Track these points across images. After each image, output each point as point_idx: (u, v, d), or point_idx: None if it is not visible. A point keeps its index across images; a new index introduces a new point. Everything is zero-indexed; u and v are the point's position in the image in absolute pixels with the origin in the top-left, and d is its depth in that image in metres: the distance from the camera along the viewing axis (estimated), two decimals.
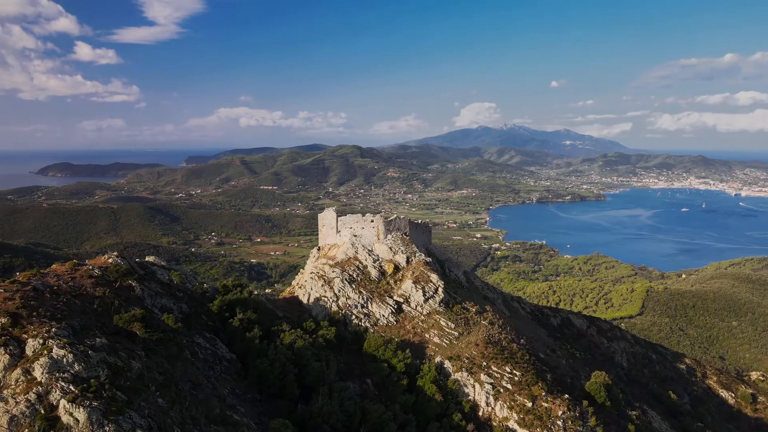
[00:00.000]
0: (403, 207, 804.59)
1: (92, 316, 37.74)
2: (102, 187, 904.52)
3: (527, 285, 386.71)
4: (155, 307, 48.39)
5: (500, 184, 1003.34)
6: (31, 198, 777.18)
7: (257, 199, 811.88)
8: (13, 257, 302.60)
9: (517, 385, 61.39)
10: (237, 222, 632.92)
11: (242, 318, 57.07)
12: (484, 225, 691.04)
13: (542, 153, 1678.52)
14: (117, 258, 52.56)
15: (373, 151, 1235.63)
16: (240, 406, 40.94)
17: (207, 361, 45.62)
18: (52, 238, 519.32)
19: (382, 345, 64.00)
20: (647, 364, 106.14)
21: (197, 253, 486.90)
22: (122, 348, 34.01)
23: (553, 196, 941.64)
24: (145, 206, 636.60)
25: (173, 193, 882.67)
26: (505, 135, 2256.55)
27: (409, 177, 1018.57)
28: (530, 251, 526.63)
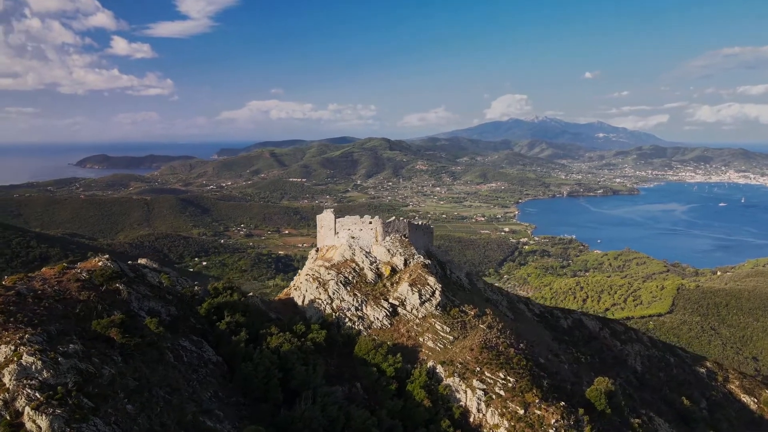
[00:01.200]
0: (431, 200, 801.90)
1: (73, 320, 38.60)
2: (136, 178, 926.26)
3: (554, 280, 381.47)
4: (142, 310, 49.17)
5: (530, 177, 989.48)
6: (70, 189, 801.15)
7: (286, 192, 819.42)
8: (50, 247, 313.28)
9: (511, 391, 60.27)
10: (266, 214, 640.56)
11: (230, 321, 57.33)
12: (513, 219, 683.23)
13: (574, 146, 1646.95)
14: (107, 261, 53.56)
15: (402, 143, 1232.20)
16: (220, 410, 41.38)
17: (191, 365, 46.21)
18: (88, 229, 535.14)
19: (373, 349, 63.73)
20: (663, 368, 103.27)
21: (226, 245, 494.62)
22: (97, 353, 34.71)
23: (585, 189, 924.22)
24: (177, 198, 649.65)
25: (204, 185, 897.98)
26: (536, 127, 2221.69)
27: (438, 170, 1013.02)
28: (559, 246, 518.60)
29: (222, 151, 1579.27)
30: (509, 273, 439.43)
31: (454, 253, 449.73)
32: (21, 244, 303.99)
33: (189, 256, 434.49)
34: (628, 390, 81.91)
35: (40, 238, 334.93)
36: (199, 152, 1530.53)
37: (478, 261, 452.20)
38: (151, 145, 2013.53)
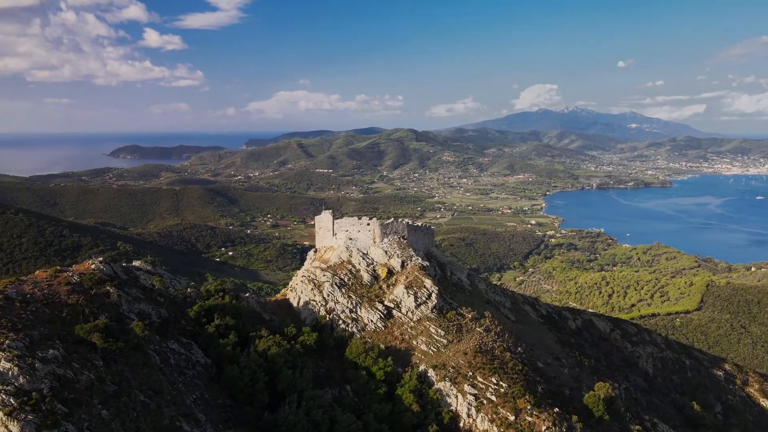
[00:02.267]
0: (458, 191, 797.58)
1: (59, 325, 39.73)
2: (167, 169, 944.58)
3: (580, 275, 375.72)
4: (132, 313, 50.25)
5: (559, 169, 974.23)
6: (103, 179, 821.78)
7: (312, 182, 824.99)
8: (81, 237, 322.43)
9: (502, 397, 59.61)
10: (292, 204, 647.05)
11: (219, 324, 58.27)
12: (540, 211, 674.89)
13: (605, 137, 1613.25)
14: (100, 264, 54.86)
15: (429, 134, 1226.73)
16: (204, 412, 42.18)
17: (178, 367, 47.14)
18: (119, 218, 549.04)
19: (363, 352, 63.78)
20: (677, 371, 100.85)
21: (252, 235, 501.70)
22: (78, 358, 35.71)
23: (615, 182, 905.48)
24: (205, 188, 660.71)
25: (233, 176, 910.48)
26: (566, 118, 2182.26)
27: (465, 161, 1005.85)
28: (586, 239, 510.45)
29: (250, 142, 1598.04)
30: (534, 266, 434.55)
31: (479, 246, 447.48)
32: (54, 233, 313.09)
33: (216, 246, 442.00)
34: (634, 394, 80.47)
35: (73, 227, 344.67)
36: (228, 143, 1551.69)
37: (503, 254, 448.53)
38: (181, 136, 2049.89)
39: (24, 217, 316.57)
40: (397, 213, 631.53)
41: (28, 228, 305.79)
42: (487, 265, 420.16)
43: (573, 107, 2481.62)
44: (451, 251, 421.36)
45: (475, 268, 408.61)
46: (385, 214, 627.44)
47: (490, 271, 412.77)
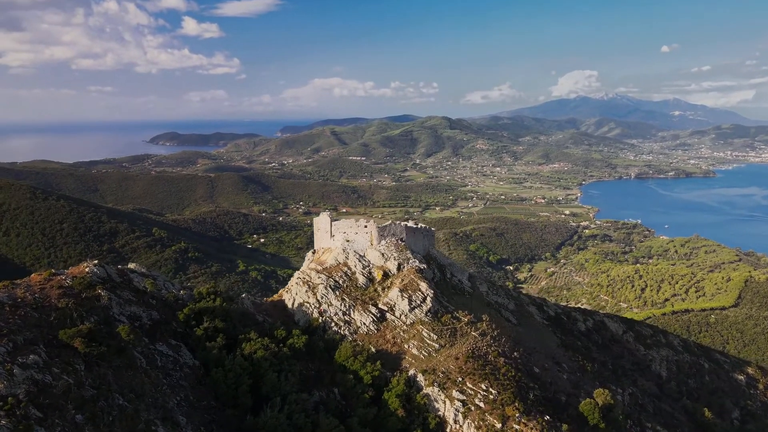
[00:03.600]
0: (491, 180, 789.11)
1: (46, 329, 41.21)
2: (203, 155, 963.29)
3: (612, 267, 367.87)
4: (123, 315, 51.72)
5: (596, 158, 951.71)
6: (142, 165, 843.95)
7: (345, 170, 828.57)
8: (118, 223, 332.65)
9: (491, 403, 58.90)
10: (324, 192, 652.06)
11: (207, 327, 59.43)
12: (575, 201, 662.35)
13: (646, 125, 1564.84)
14: (94, 267, 56.48)
15: (463, 122, 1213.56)
16: (187, 414, 43.29)
17: (165, 369, 48.38)
18: (157, 204, 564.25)
19: (352, 355, 63.93)
20: (694, 374, 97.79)
21: (284, 222, 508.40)
22: (59, 363, 37.05)
23: (655, 171, 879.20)
24: (240, 175, 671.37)
25: (267, 163, 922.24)
26: (605, 105, 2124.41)
27: (499, 149, 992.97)
28: (622, 231, 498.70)
29: (285, 129, 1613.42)
30: (566, 258, 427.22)
31: (510, 236, 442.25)
32: (93, 219, 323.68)
33: (248, 232, 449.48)
34: (641, 400, 78.44)
35: (111, 213, 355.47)
36: (263, 130, 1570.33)
37: (534, 244, 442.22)
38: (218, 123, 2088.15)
39: (65, 204, 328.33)
40: (428, 201, 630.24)
41: (69, 214, 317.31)
42: (518, 256, 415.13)
43: (613, 94, 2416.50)
44: (482, 241, 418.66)
45: (505, 258, 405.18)
46: (417, 202, 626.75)
47: (520, 262, 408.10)
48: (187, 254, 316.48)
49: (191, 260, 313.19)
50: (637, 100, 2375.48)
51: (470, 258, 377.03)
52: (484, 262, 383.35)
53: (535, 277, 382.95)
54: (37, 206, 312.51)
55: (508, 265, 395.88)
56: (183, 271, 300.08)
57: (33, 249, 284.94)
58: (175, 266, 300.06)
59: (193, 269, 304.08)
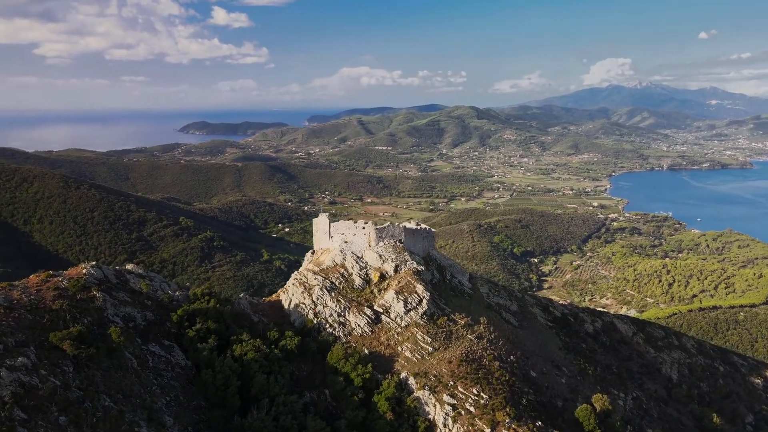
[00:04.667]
0: (518, 171, 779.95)
1: (38, 330, 42.53)
2: (232, 145, 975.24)
3: (640, 261, 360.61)
4: (117, 316, 52.92)
5: (627, 148, 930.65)
6: (172, 154, 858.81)
7: (371, 160, 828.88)
8: (147, 212, 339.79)
9: (481, 408, 58.55)
10: (350, 182, 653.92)
11: (199, 328, 60.32)
12: (604, 193, 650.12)
13: (680, 114, 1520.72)
14: (91, 268, 57.85)
15: (491, 111, 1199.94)
16: (176, 414, 44.32)
17: (157, 369, 49.47)
18: (185, 193, 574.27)
19: (343, 357, 64.05)
20: (707, 378, 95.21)
21: (309, 212, 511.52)
22: (48, 365, 38.24)
23: (688, 162, 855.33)
24: (266, 165, 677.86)
25: (294, 152, 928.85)
26: (638, 94, 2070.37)
27: (527, 140, 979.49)
28: (652, 224, 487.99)
29: (312, 118, 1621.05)
30: (593, 251, 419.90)
31: (535, 228, 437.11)
32: (122, 207, 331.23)
33: (273, 222, 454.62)
34: (645, 404, 76.93)
35: (140, 202, 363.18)
36: (291, 119, 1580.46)
37: (560, 237, 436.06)
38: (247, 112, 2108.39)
39: (96, 192, 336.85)
40: (454, 192, 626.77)
41: (100, 203, 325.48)
42: (543, 248, 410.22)
43: (647, 82, 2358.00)
44: (506, 233, 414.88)
45: (529, 250, 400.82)
46: (442, 193, 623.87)
47: (545, 255, 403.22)
48: (213, 243, 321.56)
49: (217, 249, 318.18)
50: (672, 89, 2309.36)
51: (494, 250, 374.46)
52: (508, 254, 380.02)
53: (560, 269, 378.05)
54: (69, 195, 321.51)
55: (532, 258, 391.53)
56: (208, 259, 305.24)
57: (65, 236, 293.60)
58: (201, 255, 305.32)
59: (218, 258, 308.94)
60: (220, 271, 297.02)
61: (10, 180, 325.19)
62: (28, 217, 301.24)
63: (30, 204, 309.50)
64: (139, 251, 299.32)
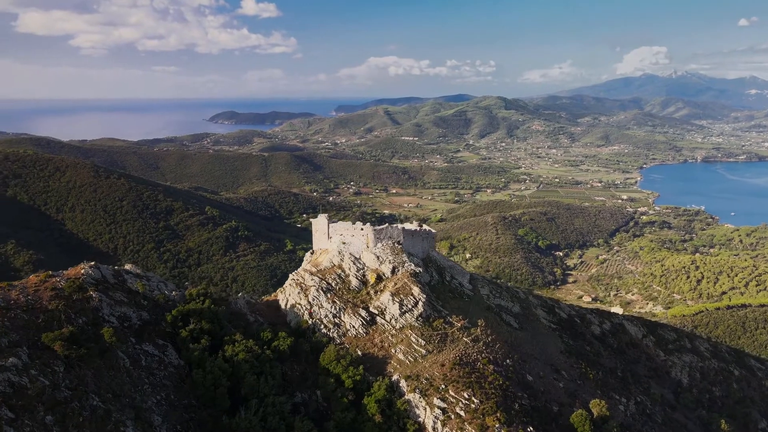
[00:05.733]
0: (545, 162, 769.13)
1: (33, 331, 43.85)
2: (259, 134, 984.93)
3: (668, 256, 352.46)
4: (112, 316, 54.25)
5: (659, 140, 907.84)
6: (201, 144, 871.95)
7: (397, 150, 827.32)
8: (174, 201, 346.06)
9: (472, 413, 58.17)
10: (375, 172, 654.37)
11: (193, 328, 61.43)
12: (634, 185, 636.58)
13: (717, 104, 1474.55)
14: (89, 268, 59.21)
15: (519, 102, 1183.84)
16: (164, 414, 45.34)
17: (149, 368, 50.62)
18: (213, 182, 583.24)
19: (335, 359, 64.24)
20: (720, 382, 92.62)
21: (333, 203, 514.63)
22: (39, 365, 39.49)
23: (724, 155, 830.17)
24: (292, 155, 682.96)
25: (320, 142, 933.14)
26: (673, 84, 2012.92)
27: (555, 130, 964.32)
28: (683, 217, 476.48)
29: (339, 108, 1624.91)
30: (620, 245, 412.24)
31: (561, 221, 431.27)
32: (151, 197, 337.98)
33: (298, 212, 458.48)
34: (650, 410, 75.30)
35: (168, 191, 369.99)
36: (319, 109, 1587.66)
37: (587, 230, 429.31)
38: (274, 102, 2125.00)
39: (125, 182, 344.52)
40: (479, 183, 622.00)
41: (129, 192, 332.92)
42: (569, 242, 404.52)
43: (682, 71, 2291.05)
44: (531, 225, 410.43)
45: (554, 244, 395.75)
46: (468, 184, 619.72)
47: (571, 248, 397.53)
48: (238, 233, 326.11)
49: (241, 239, 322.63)
50: (709, 78, 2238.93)
51: (518, 243, 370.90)
52: (532, 247, 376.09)
53: (585, 263, 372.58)
54: (99, 184, 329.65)
55: (557, 251, 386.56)
56: (233, 249, 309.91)
57: (95, 225, 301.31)
58: (226, 244, 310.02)
59: (242, 247, 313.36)
60: (244, 261, 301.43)
61: (44, 169, 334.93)
62: (61, 206, 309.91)
63: (62, 193, 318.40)
64: (165, 240, 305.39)
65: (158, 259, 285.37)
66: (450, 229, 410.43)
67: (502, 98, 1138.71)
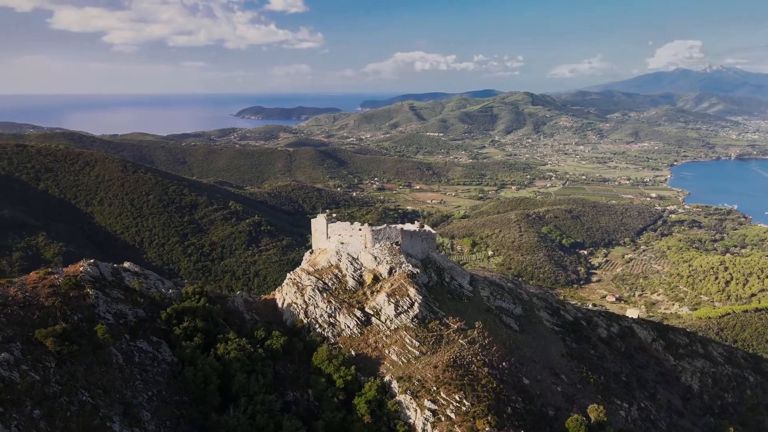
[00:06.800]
0: (572, 159, 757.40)
1: (28, 326, 45.05)
2: (285, 129, 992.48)
3: (696, 256, 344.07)
4: (108, 313, 55.45)
5: (691, 136, 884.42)
6: (228, 139, 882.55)
7: (421, 146, 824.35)
8: (198, 196, 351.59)
9: (462, 415, 57.64)
10: (399, 168, 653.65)
11: (186, 326, 62.11)
12: (664, 183, 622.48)
13: (754, 100, 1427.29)
14: (88, 266, 60.48)
15: (546, 97, 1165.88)
16: (154, 410, 46.22)
17: (142, 365, 51.61)
18: (238, 177, 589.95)
19: (327, 359, 64.27)
20: (733, 388, 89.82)
21: (356, 198, 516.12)
22: (31, 360, 40.56)
23: (759, 152, 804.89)
24: (317, 150, 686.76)
25: (345, 138, 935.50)
26: (707, 79, 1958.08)
27: (583, 127, 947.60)
28: (714, 216, 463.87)
29: (365, 104, 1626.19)
30: (647, 244, 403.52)
31: (586, 219, 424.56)
32: (176, 191, 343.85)
33: (321, 207, 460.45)
34: (654, 415, 73.55)
35: (193, 186, 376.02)
36: (344, 104, 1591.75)
37: (613, 228, 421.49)
38: (301, 97, 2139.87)
39: (151, 176, 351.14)
40: (504, 180, 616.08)
41: (155, 186, 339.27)
42: (594, 240, 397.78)
43: (718, 66, 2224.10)
44: (555, 223, 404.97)
45: (579, 242, 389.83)
46: (492, 180, 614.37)
47: (595, 247, 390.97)
48: (260, 227, 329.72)
49: (264, 233, 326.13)
50: (745, 73, 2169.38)
51: (541, 241, 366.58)
52: (556, 245, 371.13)
53: (610, 263, 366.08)
54: (126, 178, 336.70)
55: (582, 249, 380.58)
56: (255, 243, 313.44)
57: (122, 218, 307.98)
58: (248, 239, 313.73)
59: (264, 242, 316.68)
60: (266, 255, 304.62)
61: (74, 163, 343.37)
62: (90, 199, 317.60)
63: (91, 186, 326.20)
64: (190, 234, 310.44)
65: (182, 253, 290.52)
66: (473, 226, 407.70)
67: (529, 93, 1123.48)
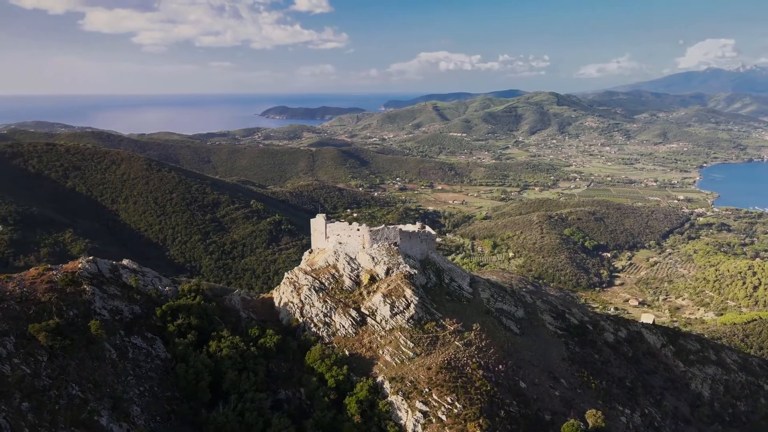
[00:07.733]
0: (598, 160, 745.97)
1: (23, 321, 46.02)
2: (308, 129, 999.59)
3: (724, 261, 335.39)
4: (104, 309, 56.46)
5: (722, 137, 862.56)
6: (252, 138, 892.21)
7: (444, 146, 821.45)
8: (221, 194, 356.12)
9: (453, 417, 56.96)
10: (421, 168, 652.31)
11: (180, 323, 62.76)
12: (692, 185, 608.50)
13: None
14: (86, 263, 61.56)
15: (572, 97, 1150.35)
16: (144, 405, 46.86)
17: (136, 360, 52.37)
18: (261, 176, 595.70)
19: (319, 358, 64.11)
20: (746, 396, 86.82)
21: (378, 198, 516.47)
22: (23, 354, 41.44)
23: None
24: (339, 150, 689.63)
25: (368, 137, 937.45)
26: (740, 78, 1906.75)
27: (610, 127, 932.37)
28: (744, 220, 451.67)
29: (389, 103, 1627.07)
30: (673, 247, 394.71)
31: (610, 221, 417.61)
32: (199, 190, 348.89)
33: (342, 207, 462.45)
34: (658, 423, 71.60)
35: (215, 185, 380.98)
36: (368, 104, 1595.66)
37: (638, 231, 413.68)
38: (325, 97, 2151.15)
39: (175, 175, 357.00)
40: (527, 181, 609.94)
41: (178, 185, 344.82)
42: (617, 243, 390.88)
43: (751, 65, 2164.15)
44: (578, 225, 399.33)
45: (602, 244, 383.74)
46: (515, 181, 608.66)
47: (619, 250, 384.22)
48: (281, 226, 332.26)
49: (284, 232, 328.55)
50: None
51: (563, 243, 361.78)
52: (578, 248, 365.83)
53: (634, 266, 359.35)
54: (151, 177, 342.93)
55: (605, 252, 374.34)
56: (276, 242, 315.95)
57: (146, 216, 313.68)
58: (269, 237, 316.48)
59: (284, 241, 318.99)
60: (286, 254, 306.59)
61: (101, 162, 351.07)
62: (115, 197, 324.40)
63: (117, 185, 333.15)
64: (212, 232, 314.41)
65: (204, 251, 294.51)
66: (494, 227, 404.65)
67: (555, 94, 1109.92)
